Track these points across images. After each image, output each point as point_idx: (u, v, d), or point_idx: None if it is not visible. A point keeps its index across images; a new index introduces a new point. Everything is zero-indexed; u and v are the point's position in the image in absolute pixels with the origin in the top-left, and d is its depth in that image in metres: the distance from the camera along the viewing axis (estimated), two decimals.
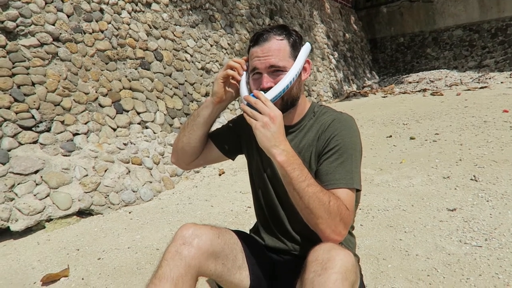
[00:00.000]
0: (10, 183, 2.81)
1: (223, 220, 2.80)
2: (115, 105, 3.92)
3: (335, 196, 1.11)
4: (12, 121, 3.03)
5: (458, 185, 2.90)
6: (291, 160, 1.09)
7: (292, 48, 1.22)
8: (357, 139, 1.23)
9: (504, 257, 1.86)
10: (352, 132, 1.23)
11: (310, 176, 1.10)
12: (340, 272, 0.96)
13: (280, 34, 1.21)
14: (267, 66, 1.19)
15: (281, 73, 1.19)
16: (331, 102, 9.36)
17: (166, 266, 1.13)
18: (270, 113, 1.09)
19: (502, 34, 11.47)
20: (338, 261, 0.98)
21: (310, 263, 1.02)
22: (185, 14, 5.58)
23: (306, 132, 1.29)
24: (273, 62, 1.19)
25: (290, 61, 1.21)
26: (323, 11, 11.16)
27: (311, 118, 1.31)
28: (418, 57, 13.19)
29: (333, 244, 1.07)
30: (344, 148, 1.19)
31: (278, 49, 1.20)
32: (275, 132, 1.09)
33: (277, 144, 1.09)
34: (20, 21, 3.34)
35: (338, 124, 1.23)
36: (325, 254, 1.01)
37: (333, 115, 1.28)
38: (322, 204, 1.07)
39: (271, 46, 1.20)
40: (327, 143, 1.22)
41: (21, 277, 2.18)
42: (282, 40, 1.21)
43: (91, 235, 2.73)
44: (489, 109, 5.79)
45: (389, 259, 1.98)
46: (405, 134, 4.92)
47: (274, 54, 1.19)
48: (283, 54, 1.20)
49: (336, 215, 1.09)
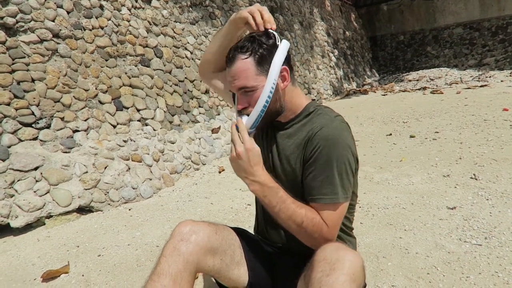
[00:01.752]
0: (10, 179, 2.81)
1: (223, 217, 2.80)
2: (115, 102, 3.91)
3: (311, 216, 1.15)
4: (12, 117, 3.03)
5: (458, 183, 2.91)
6: (262, 189, 1.16)
7: (259, 64, 1.17)
8: (343, 151, 1.17)
9: (504, 255, 1.86)
10: (338, 143, 1.17)
11: (282, 199, 1.15)
12: (349, 274, 0.96)
13: (245, 52, 1.17)
14: (237, 89, 1.20)
15: (251, 92, 1.19)
16: (331, 100, 9.35)
17: (165, 263, 1.15)
18: (238, 148, 1.14)
19: (503, 33, 11.46)
20: (347, 262, 0.98)
21: (317, 262, 1.01)
22: (185, 11, 5.57)
23: (297, 132, 1.28)
24: (241, 85, 1.18)
25: (260, 77, 1.17)
26: (323, 9, 11.13)
27: (304, 118, 1.28)
28: (418, 55, 13.17)
29: (341, 244, 1.08)
30: (328, 161, 1.16)
31: (244, 70, 1.17)
32: (243, 165, 1.15)
33: (247, 176, 1.16)
34: (20, 17, 3.33)
35: (325, 134, 1.18)
36: (333, 254, 1.01)
37: (323, 122, 1.22)
38: (296, 225, 1.14)
39: (236, 68, 1.18)
40: (312, 154, 1.19)
41: (21, 274, 2.18)
42: (246, 58, 1.17)
43: (91, 232, 2.73)
44: (489, 107, 5.79)
45: (389, 257, 1.98)
46: (405, 132, 4.92)
47: (241, 76, 1.17)
48: (250, 74, 1.17)
49: (312, 233, 1.14)
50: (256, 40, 1.18)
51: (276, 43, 1.19)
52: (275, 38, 1.20)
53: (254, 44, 1.17)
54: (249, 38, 1.19)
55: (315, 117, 1.26)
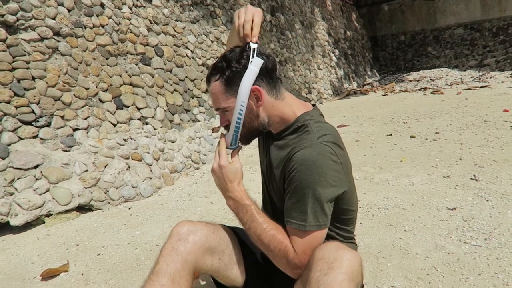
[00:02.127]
0: (10, 177, 2.81)
1: (223, 217, 2.80)
2: (115, 100, 3.91)
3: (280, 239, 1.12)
4: (12, 115, 3.03)
5: (458, 184, 2.90)
6: (235, 205, 1.21)
7: (227, 86, 1.16)
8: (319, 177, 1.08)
9: (504, 256, 1.86)
10: (313, 167, 1.08)
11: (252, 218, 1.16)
12: (347, 273, 0.96)
13: (215, 74, 1.19)
14: (215, 109, 1.26)
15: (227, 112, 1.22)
16: (331, 99, 9.35)
17: (163, 262, 1.17)
18: (213, 164, 1.22)
19: (504, 34, 11.45)
20: (345, 261, 0.98)
21: (316, 261, 1.01)
22: (186, 10, 5.56)
23: (285, 146, 1.24)
24: (216, 106, 1.22)
25: (230, 99, 1.18)
26: (324, 8, 11.12)
27: (294, 132, 1.23)
28: (419, 55, 13.16)
29: (340, 243, 1.08)
30: (299, 187, 1.09)
31: (216, 93, 1.20)
32: (219, 180, 1.21)
33: (223, 191, 1.23)
34: (21, 15, 3.32)
35: (301, 157, 1.10)
36: (332, 253, 1.01)
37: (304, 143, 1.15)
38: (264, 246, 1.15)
39: (211, 90, 1.21)
40: (288, 175, 1.15)
41: (21, 272, 2.18)
42: (216, 81, 1.19)
43: (90, 231, 2.73)
44: (489, 108, 5.79)
45: (388, 258, 1.98)
46: (405, 132, 4.92)
47: (214, 97, 1.21)
48: (220, 96, 1.19)
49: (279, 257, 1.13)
50: (225, 61, 1.17)
51: (247, 64, 1.14)
52: (247, 58, 1.15)
53: (223, 65, 1.17)
54: (222, 58, 1.20)
55: (301, 135, 1.20)
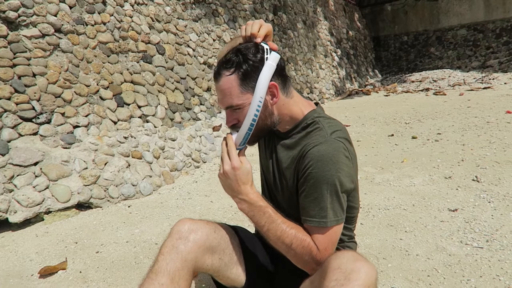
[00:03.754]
0: (10, 174, 2.80)
1: (223, 215, 2.79)
2: (116, 98, 3.90)
3: (302, 237, 1.10)
4: (12, 112, 3.02)
5: (460, 185, 2.88)
6: (250, 208, 1.13)
7: (243, 81, 1.11)
8: (335, 172, 1.09)
9: (506, 259, 1.84)
10: (330, 164, 1.10)
11: (271, 219, 1.11)
12: (364, 286, 0.93)
13: (229, 68, 1.12)
14: (224, 107, 1.17)
15: (238, 110, 1.14)
16: (333, 99, 9.33)
17: (163, 261, 1.14)
18: (225, 167, 1.12)
19: (507, 35, 11.41)
20: (363, 274, 0.95)
21: (332, 270, 0.98)
22: (188, 8, 5.55)
23: (295, 145, 1.23)
24: (227, 103, 1.15)
25: (246, 95, 1.12)
26: (327, 8, 11.10)
27: (302, 129, 1.23)
28: (422, 56, 13.12)
29: (357, 253, 1.04)
30: (318, 183, 1.10)
31: (228, 88, 1.12)
32: (231, 184, 1.12)
33: (234, 194, 1.14)
34: (22, 11, 3.31)
35: (317, 153, 1.12)
36: (349, 264, 0.97)
37: (317, 139, 1.16)
38: (285, 246, 1.10)
39: (222, 86, 1.14)
40: (303, 173, 1.15)
41: (19, 269, 2.17)
42: (230, 75, 1.12)
43: (89, 228, 2.72)
44: (492, 109, 5.76)
45: (389, 259, 1.96)
46: (407, 133, 4.90)
47: (226, 94, 1.13)
48: (234, 92, 1.12)
49: (302, 256, 1.10)
50: (241, 54, 1.12)
51: (263, 58, 1.12)
52: (263, 52, 1.13)
53: (239, 59, 1.11)
54: (236, 51, 1.13)
55: (312, 131, 1.21)
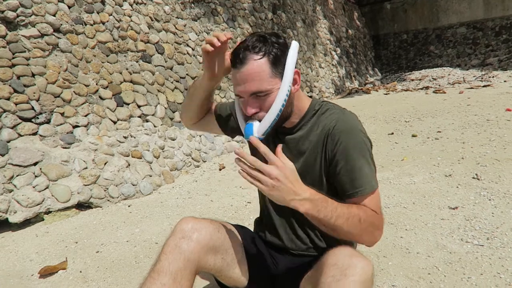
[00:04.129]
0: (9, 174, 2.79)
1: (223, 215, 2.79)
2: (115, 97, 3.89)
3: (363, 209, 1.10)
4: (11, 112, 3.01)
5: (460, 183, 2.88)
6: (313, 205, 1.02)
7: (273, 66, 1.09)
8: (363, 138, 1.16)
9: (506, 256, 1.84)
10: (357, 133, 1.16)
11: (334, 207, 1.04)
12: (360, 281, 0.94)
13: (258, 52, 1.08)
14: (248, 94, 1.11)
15: (264, 96, 1.11)
16: (333, 98, 9.32)
17: (165, 260, 1.12)
18: (273, 173, 0.96)
19: (507, 33, 11.40)
20: (359, 269, 0.95)
21: (328, 266, 0.99)
22: (187, 7, 5.54)
23: (308, 132, 1.23)
24: (254, 89, 1.10)
25: (274, 80, 1.10)
26: (326, 7, 11.08)
27: (312, 117, 1.24)
28: (421, 54, 13.11)
29: (353, 249, 1.05)
30: (354, 153, 1.14)
31: (258, 72, 1.08)
32: (285, 189, 0.98)
33: (293, 197, 1.00)
34: (21, 11, 3.31)
35: (342, 128, 1.15)
36: (346, 259, 0.98)
37: (335, 117, 1.19)
38: (355, 227, 1.06)
39: (249, 70, 1.08)
40: (335, 150, 1.15)
41: (19, 269, 2.17)
42: (260, 59, 1.08)
43: (89, 228, 2.72)
44: (492, 107, 5.75)
45: (389, 257, 1.96)
46: (407, 131, 4.89)
47: (255, 78, 1.08)
48: (264, 76, 1.08)
49: (369, 228, 1.10)
50: (268, 39, 1.10)
51: (286, 43, 1.13)
52: (284, 39, 1.14)
53: (267, 44, 1.09)
54: (259, 38, 1.11)
55: (322, 115, 1.22)
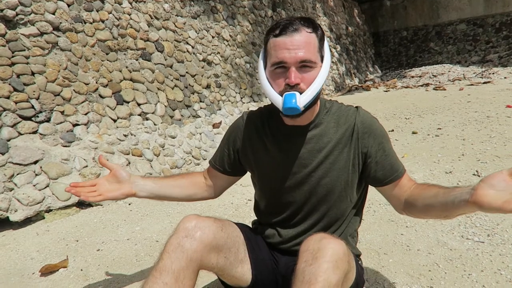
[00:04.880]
0: (10, 173, 2.79)
1: (223, 212, 2.79)
2: (115, 96, 3.89)
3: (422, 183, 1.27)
4: (11, 110, 3.01)
5: (461, 180, 2.88)
6: None
7: (320, 43, 1.15)
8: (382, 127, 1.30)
9: (507, 253, 1.84)
10: (378, 123, 1.29)
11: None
12: (331, 261, 0.96)
13: (308, 27, 1.12)
14: (297, 61, 1.10)
15: (309, 69, 1.11)
16: (333, 95, 9.31)
17: (168, 259, 1.11)
18: None
19: (507, 29, 11.37)
20: (329, 250, 0.98)
21: (301, 253, 1.03)
22: (187, 5, 5.53)
23: (325, 127, 1.25)
24: (305, 57, 1.09)
25: (318, 57, 1.14)
26: (326, 4, 11.06)
27: (326, 114, 1.27)
28: (421, 51, 13.09)
29: (325, 234, 1.09)
30: (385, 142, 1.27)
31: (309, 43, 1.10)
32: None
33: None
34: (20, 9, 3.30)
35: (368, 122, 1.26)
36: (316, 244, 1.02)
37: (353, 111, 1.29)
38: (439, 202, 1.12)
39: (302, 39, 1.09)
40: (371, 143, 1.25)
41: (20, 268, 2.17)
42: (311, 33, 1.12)
43: (90, 226, 2.72)
44: (492, 104, 5.75)
45: (390, 254, 1.96)
46: (407, 128, 4.89)
47: (306, 47, 1.09)
48: (314, 48, 1.12)
49: None
50: (312, 20, 1.16)
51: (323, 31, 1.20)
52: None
53: (315, 23, 1.15)
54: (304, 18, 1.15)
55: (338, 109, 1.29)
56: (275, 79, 1.14)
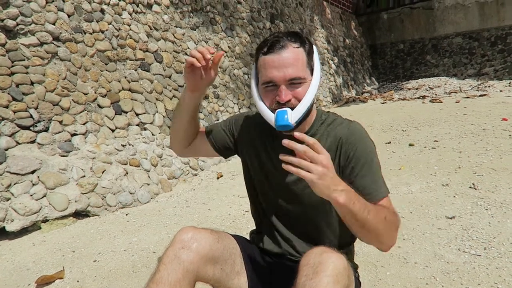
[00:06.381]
0: (7, 182, 2.79)
1: (221, 224, 2.78)
2: (114, 106, 3.90)
3: (385, 208, 1.14)
4: (10, 120, 3.01)
5: (457, 192, 2.89)
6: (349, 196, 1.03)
7: (308, 57, 1.15)
8: (373, 145, 1.23)
9: (503, 266, 1.85)
10: (368, 139, 1.23)
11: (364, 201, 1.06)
12: (332, 276, 0.96)
13: (295, 42, 1.13)
14: (286, 79, 1.11)
15: (298, 85, 1.13)
16: (330, 107, 9.35)
17: (164, 271, 1.12)
18: (323, 161, 0.97)
19: (502, 43, 11.49)
20: (330, 264, 0.98)
21: (302, 267, 1.02)
22: (186, 16, 5.58)
23: (318, 138, 1.25)
24: (294, 74, 1.11)
25: (307, 72, 1.15)
26: (323, 16, 11.17)
27: (320, 125, 1.28)
28: (418, 64, 13.19)
29: (325, 247, 1.07)
30: (369, 160, 1.19)
31: (297, 59, 1.12)
32: (332, 177, 0.99)
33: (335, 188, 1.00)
34: (20, 19, 3.33)
35: (356, 135, 1.22)
36: (316, 257, 1.01)
37: (345, 126, 1.25)
38: (382, 224, 1.08)
39: (289, 56, 1.11)
40: (350, 157, 1.20)
41: (16, 278, 2.16)
42: (298, 48, 1.13)
43: (87, 237, 2.71)
44: (488, 117, 5.79)
45: (387, 267, 1.96)
46: (404, 140, 4.91)
47: (293, 64, 1.11)
48: (302, 64, 1.13)
49: (392, 227, 1.13)
50: (301, 34, 1.17)
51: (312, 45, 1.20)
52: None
53: (302, 37, 1.16)
54: (293, 32, 1.17)
55: (331, 125, 1.27)
56: (267, 96, 1.16)
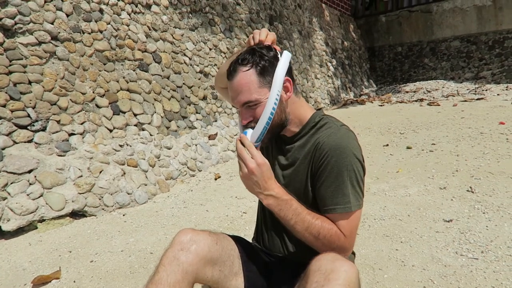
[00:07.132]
0: (3, 182, 2.77)
1: (218, 225, 2.78)
2: (112, 106, 3.89)
3: (328, 227, 1.14)
4: (7, 119, 3.00)
5: (455, 196, 2.90)
6: (277, 202, 1.15)
7: (261, 76, 1.16)
8: (353, 159, 1.16)
9: (501, 270, 1.85)
10: (346, 152, 1.16)
11: (297, 212, 1.13)
12: (344, 285, 0.94)
13: (246, 64, 1.17)
14: (240, 104, 1.19)
15: (254, 107, 1.18)
16: (328, 109, 9.37)
17: (163, 272, 1.13)
18: (250, 165, 1.12)
19: (499, 47, 11.55)
20: (343, 273, 0.96)
21: (313, 272, 1.00)
22: (185, 17, 5.58)
23: (305, 143, 1.27)
24: (244, 99, 1.18)
25: (264, 90, 1.17)
26: (322, 18, 11.20)
27: (311, 129, 1.28)
28: (416, 66, 13.23)
29: (337, 254, 1.06)
30: (338, 171, 1.15)
31: (246, 83, 1.16)
32: (257, 181, 1.13)
33: (260, 191, 1.15)
34: (19, 18, 3.31)
35: (332, 143, 1.17)
36: (328, 264, 0.99)
37: (329, 131, 1.22)
38: (313, 237, 1.13)
39: (239, 81, 1.17)
40: (321, 164, 1.18)
41: (12, 278, 2.14)
42: (248, 70, 1.16)
43: (84, 237, 2.69)
44: (485, 120, 5.81)
45: (385, 269, 1.96)
46: (402, 143, 4.92)
47: (243, 89, 1.16)
48: (252, 86, 1.16)
49: (330, 244, 1.13)
50: (256, 52, 1.19)
51: (277, 55, 1.20)
52: (275, 51, 1.21)
53: (255, 56, 1.18)
54: (250, 51, 1.20)
55: (323, 126, 1.26)
56: (239, 115, 1.26)
